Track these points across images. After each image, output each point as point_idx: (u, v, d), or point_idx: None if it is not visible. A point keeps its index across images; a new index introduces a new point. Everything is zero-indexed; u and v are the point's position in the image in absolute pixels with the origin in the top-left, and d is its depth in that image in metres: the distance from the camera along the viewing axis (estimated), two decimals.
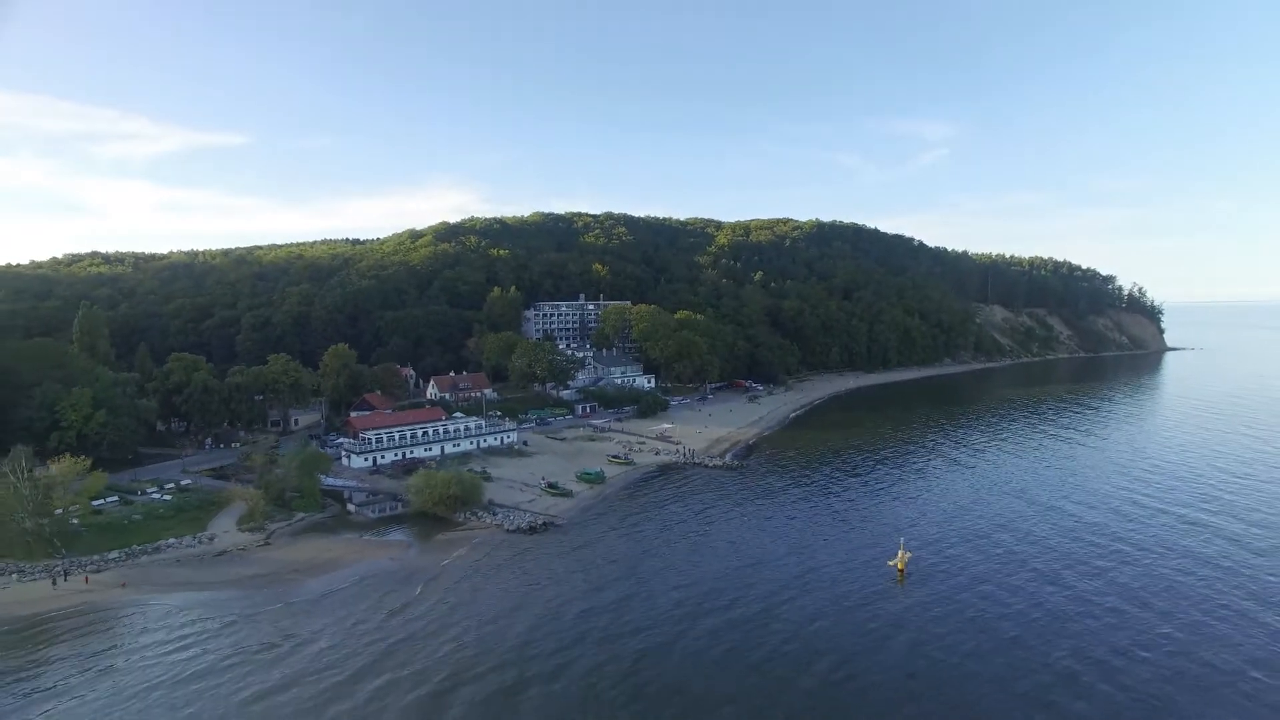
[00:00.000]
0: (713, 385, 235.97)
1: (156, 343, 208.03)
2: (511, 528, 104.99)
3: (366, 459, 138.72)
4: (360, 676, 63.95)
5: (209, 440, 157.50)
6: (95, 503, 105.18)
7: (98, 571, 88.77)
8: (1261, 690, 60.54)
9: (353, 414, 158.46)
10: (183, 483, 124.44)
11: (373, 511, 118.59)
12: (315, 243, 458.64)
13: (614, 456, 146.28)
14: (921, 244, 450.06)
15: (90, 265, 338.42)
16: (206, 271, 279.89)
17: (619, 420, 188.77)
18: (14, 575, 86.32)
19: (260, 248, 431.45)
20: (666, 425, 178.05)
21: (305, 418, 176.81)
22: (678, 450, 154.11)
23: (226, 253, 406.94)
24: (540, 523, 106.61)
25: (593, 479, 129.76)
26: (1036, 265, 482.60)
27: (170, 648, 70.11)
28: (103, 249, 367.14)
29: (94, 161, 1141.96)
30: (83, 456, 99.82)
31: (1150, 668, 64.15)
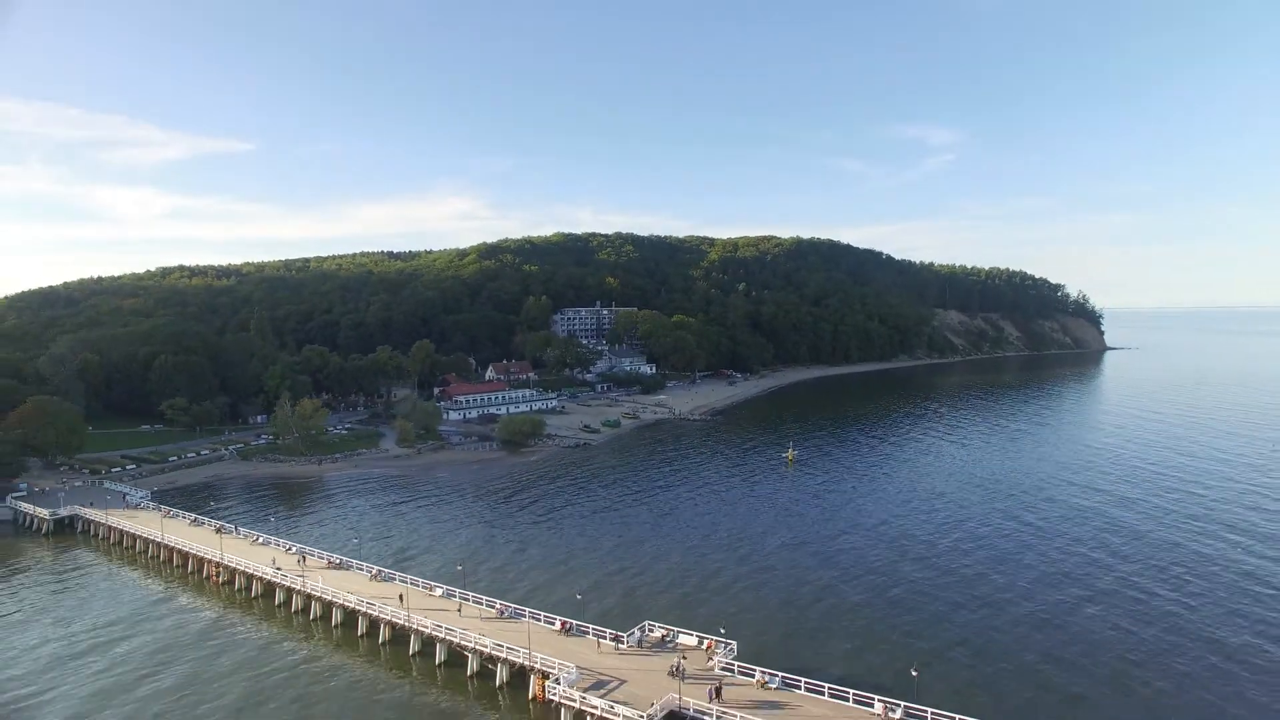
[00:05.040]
0: (701, 373, 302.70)
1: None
2: (565, 446, 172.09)
3: (460, 414, 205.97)
4: (481, 490, 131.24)
5: (342, 404, 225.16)
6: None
7: (335, 462, 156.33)
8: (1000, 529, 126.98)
9: (440, 389, 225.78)
10: (344, 427, 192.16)
11: (469, 448, 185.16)
12: (355, 254, 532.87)
13: (626, 413, 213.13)
14: (889, 257, 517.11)
15: (180, 278, 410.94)
16: (300, 284, 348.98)
17: (628, 395, 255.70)
18: (290, 462, 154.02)
19: (310, 259, 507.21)
20: (663, 397, 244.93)
21: (400, 392, 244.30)
22: (670, 412, 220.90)
23: (287, 264, 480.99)
24: (582, 443, 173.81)
25: (612, 425, 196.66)
26: (993, 275, 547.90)
27: (386, 481, 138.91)
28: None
29: (102, 168, 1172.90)
30: (317, 398, 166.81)
31: (903, 484, 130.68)
